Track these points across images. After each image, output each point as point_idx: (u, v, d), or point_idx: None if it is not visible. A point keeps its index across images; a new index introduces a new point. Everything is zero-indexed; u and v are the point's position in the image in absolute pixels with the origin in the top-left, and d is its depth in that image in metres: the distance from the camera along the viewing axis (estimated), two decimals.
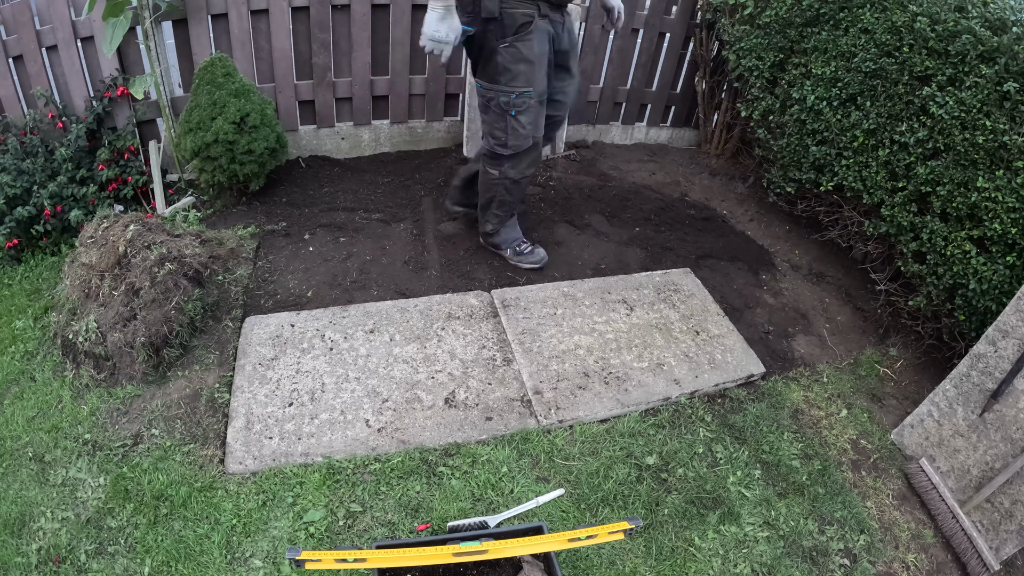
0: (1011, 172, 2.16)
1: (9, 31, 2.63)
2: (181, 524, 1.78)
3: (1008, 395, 1.95)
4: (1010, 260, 2.18)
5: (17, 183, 2.63)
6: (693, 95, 4.00)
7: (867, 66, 2.63)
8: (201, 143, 2.73)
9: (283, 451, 1.97)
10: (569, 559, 1.80)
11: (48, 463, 1.93)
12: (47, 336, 2.33)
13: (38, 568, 1.68)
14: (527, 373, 2.30)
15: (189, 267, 2.37)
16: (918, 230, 2.51)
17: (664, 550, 1.86)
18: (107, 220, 2.42)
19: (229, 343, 2.32)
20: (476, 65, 2.32)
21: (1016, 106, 2.14)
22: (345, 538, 1.79)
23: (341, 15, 3.13)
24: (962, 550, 2.02)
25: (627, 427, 2.19)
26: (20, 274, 2.66)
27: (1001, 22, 2.25)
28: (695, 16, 3.74)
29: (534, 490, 1.96)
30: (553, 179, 3.43)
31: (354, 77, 3.30)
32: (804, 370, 2.56)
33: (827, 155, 2.88)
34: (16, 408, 2.09)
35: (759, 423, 2.29)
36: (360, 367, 2.26)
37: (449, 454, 2.03)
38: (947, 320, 2.51)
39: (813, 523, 2.02)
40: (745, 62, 3.28)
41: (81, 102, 2.85)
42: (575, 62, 2.50)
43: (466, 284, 2.70)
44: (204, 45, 2.96)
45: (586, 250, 2.96)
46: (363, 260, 2.76)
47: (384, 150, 3.61)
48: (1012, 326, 1.93)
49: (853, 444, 2.30)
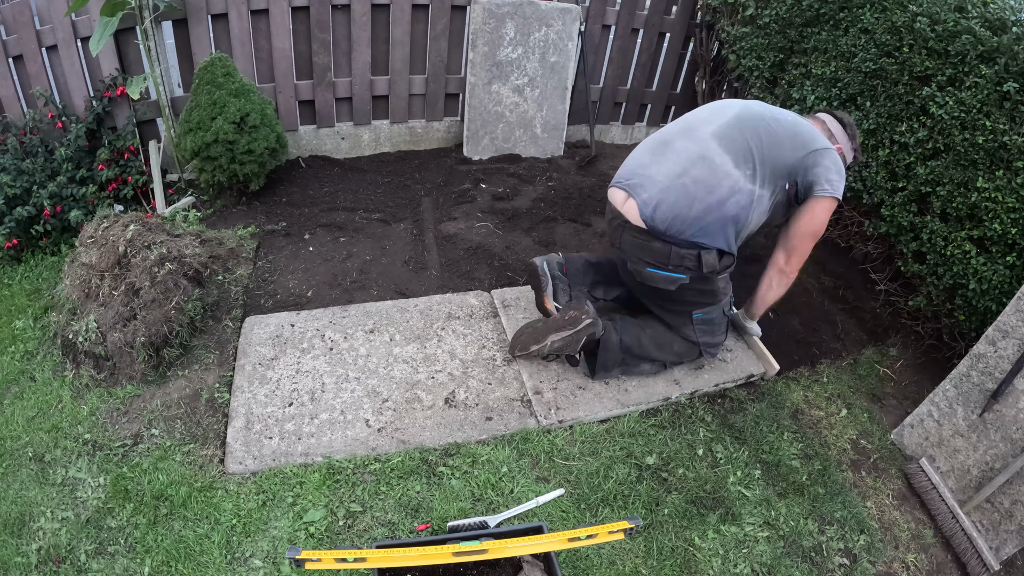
0: (1011, 172, 2.16)
1: (9, 31, 2.63)
2: (181, 524, 1.78)
3: (1008, 395, 1.95)
4: (1010, 260, 2.18)
5: (17, 183, 2.63)
6: (693, 95, 4.00)
7: (867, 66, 2.63)
8: (201, 143, 2.73)
9: (283, 451, 1.97)
10: (569, 559, 1.80)
11: (48, 463, 1.93)
12: (47, 336, 2.33)
13: (38, 568, 1.68)
14: (527, 373, 2.30)
15: (189, 267, 2.37)
16: (918, 230, 2.51)
17: (664, 550, 1.86)
18: (107, 220, 2.42)
19: (229, 343, 2.32)
20: (680, 305, 2.19)
21: (1016, 106, 2.14)
22: (345, 538, 1.79)
23: (341, 15, 3.13)
24: (962, 550, 2.02)
25: (627, 427, 2.19)
26: (20, 274, 2.66)
27: (1001, 22, 2.25)
28: (695, 16, 3.74)
29: (534, 490, 1.96)
30: (553, 179, 3.43)
31: (354, 77, 3.30)
32: (804, 370, 2.56)
33: None
34: (16, 408, 2.08)
35: (759, 423, 2.29)
36: (360, 367, 2.26)
37: (449, 454, 2.03)
38: (947, 320, 2.51)
39: (813, 523, 2.02)
40: (745, 62, 3.28)
41: (81, 102, 2.84)
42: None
43: (466, 284, 2.70)
44: (204, 45, 2.96)
45: (586, 250, 2.96)
46: (363, 260, 2.76)
47: (384, 150, 3.61)
48: (1012, 326, 1.93)
49: (853, 444, 2.30)
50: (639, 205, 2.01)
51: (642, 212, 2.00)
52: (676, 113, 4.10)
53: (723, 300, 2.22)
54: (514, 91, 3.46)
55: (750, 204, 1.96)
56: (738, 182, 1.94)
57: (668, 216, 1.96)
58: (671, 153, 2.04)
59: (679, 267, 2.02)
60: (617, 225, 2.12)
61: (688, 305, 2.19)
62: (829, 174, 1.96)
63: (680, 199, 1.95)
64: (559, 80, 3.51)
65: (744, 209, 1.96)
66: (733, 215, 1.95)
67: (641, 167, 2.08)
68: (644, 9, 3.69)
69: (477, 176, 3.39)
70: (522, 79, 3.44)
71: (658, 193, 1.98)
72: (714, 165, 1.96)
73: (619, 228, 2.11)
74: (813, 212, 2.01)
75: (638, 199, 2.02)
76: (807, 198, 2.01)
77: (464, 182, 3.33)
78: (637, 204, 2.02)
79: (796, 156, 1.97)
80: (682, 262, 2.01)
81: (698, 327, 2.25)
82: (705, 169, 1.96)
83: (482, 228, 3.01)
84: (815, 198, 1.99)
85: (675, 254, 2.00)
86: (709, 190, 1.93)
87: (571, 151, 3.79)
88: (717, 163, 1.96)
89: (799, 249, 2.10)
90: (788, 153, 1.97)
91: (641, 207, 2.00)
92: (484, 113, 3.47)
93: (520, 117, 3.55)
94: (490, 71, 3.36)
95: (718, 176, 1.94)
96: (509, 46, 3.33)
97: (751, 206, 1.97)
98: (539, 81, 3.47)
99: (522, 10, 3.25)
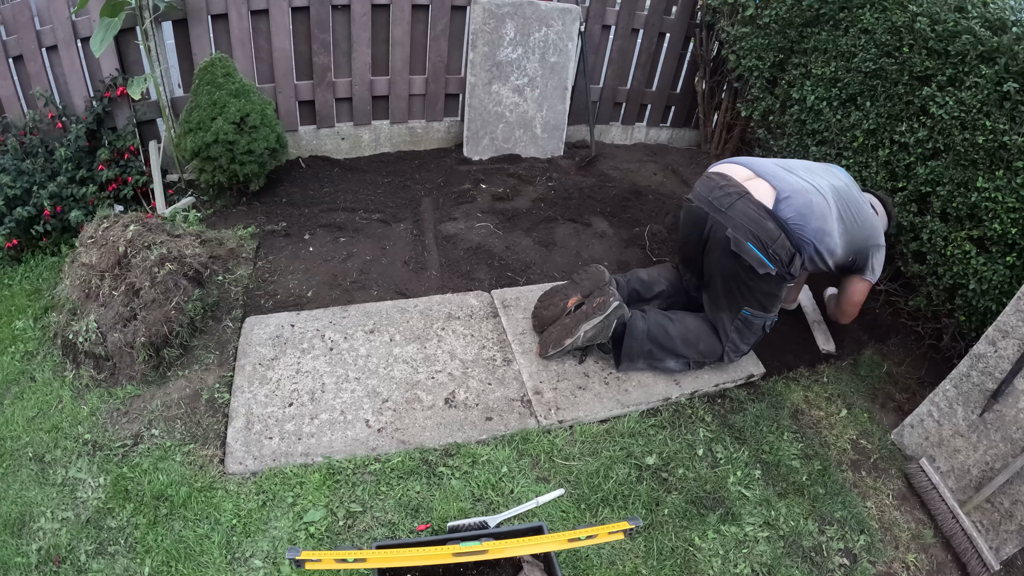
0: (1011, 172, 2.16)
1: (9, 31, 2.63)
2: (181, 524, 1.78)
3: (1008, 395, 1.95)
4: (1010, 260, 2.18)
5: (17, 183, 2.63)
6: (693, 95, 4.00)
7: (867, 66, 2.63)
8: (201, 143, 2.73)
9: (283, 451, 1.97)
10: (569, 559, 1.80)
11: (48, 463, 1.93)
12: (47, 336, 2.33)
13: (38, 568, 1.68)
14: (527, 373, 2.30)
15: (189, 267, 2.37)
16: (918, 230, 2.51)
17: (664, 550, 1.86)
18: (107, 220, 2.42)
19: (229, 343, 2.32)
20: (739, 294, 2.27)
21: (1016, 106, 2.14)
22: (345, 538, 1.79)
23: (341, 15, 3.13)
24: (962, 550, 2.02)
25: (627, 427, 2.19)
26: (20, 274, 2.66)
27: (1001, 22, 2.25)
28: (695, 16, 3.74)
29: (534, 490, 1.96)
30: (553, 179, 3.43)
31: (354, 77, 3.30)
32: (804, 370, 2.56)
33: (827, 155, 2.88)
34: (16, 408, 2.08)
35: (759, 423, 2.29)
36: (360, 367, 2.26)
37: (449, 454, 2.03)
38: (947, 320, 2.51)
39: (813, 523, 2.02)
40: (745, 62, 3.28)
41: (81, 102, 2.85)
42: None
43: (466, 284, 2.70)
44: (204, 45, 2.96)
45: (586, 250, 2.96)
46: (363, 260, 2.76)
47: (384, 150, 3.61)
48: (1012, 326, 1.93)
49: (853, 444, 2.30)
50: (777, 189, 2.15)
51: (778, 193, 2.14)
52: (676, 113, 4.10)
53: (772, 312, 2.29)
54: (514, 91, 3.46)
55: (831, 253, 2.16)
56: (835, 231, 2.16)
57: (796, 211, 2.11)
58: (796, 176, 2.21)
59: (775, 256, 2.11)
60: (731, 192, 2.19)
61: (747, 299, 2.25)
62: (876, 264, 2.30)
63: (808, 206, 2.12)
64: (559, 80, 3.51)
65: (830, 253, 2.16)
66: (822, 250, 2.14)
67: (766, 167, 2.24)
68: (644, 9, 3.69)
69: (477, 176, 3.40)
70: (522, 79, 3.44)
71: (793, 192, 2.14)
72: (828, 206, 2.15)
73: (734, 196, 2.18)
74: (857, 287, 2.37)
75: (776, 184, 2.16)
76: (855, 274, 2.34)
77: (464, 182, 3.33)
78: (772, 185, 2.16)
79: (866, 244, 2.25)
80: (780, 253, 2.11)
81: (738, 323, 2.30)
82: (823, 203, 2.15)
83: (482, 228, 3.01)
84: (860, 278, 2.33)
85: (781, 242, 2.10)
86: (823, 219, 2.13)
87: (571, 151, 3.79)
88: (830, 205, 2.16)
89: (848, 312, 2.47)
90: (866, 236, 2.24)
91: (778, 190, 2.14)
92: (484, 113, 3.47)
93: (520, 117, 3.55)
94: (490, 71, 3.36)
95: (827, 215, 2.14)
96: (509, 46, 3.33)
97: (831, 255, 2.17)
98: (539, 81, 3.47)
99: (522, 10, 3.25)
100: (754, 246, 2.11)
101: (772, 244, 2.09)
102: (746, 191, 2.17)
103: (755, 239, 2.11)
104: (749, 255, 2.13)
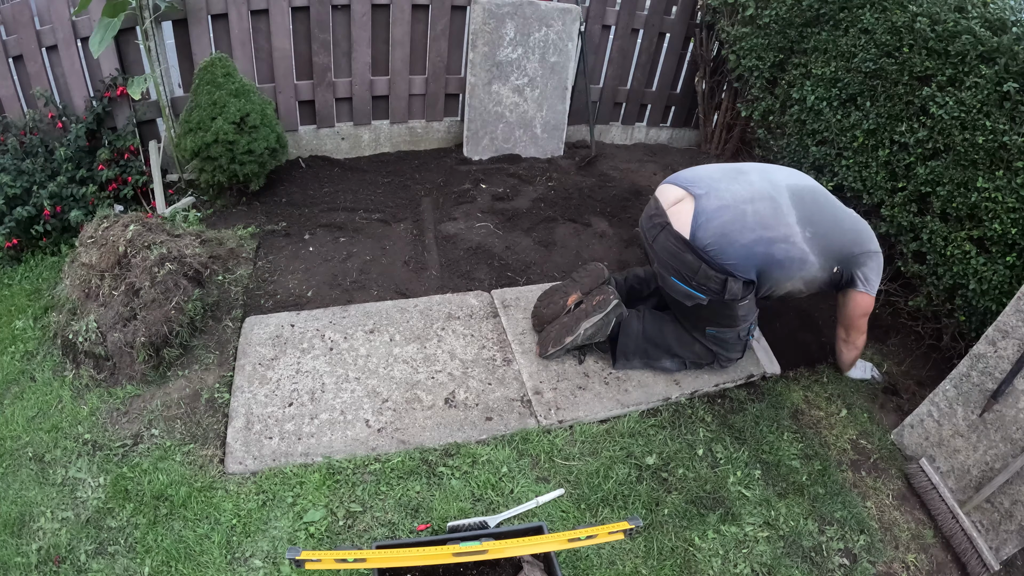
0: (1011, 172, 2.16)
1: (9, 31, 2.63)
2: (181, 524, 1.78)
3: (1008, 395, 1.95)
4: (1010, 260, 2.18)
5: (17, 183, 2.63)
6: (693, 95, 4.00)
7: (867, 66, 2.63)
8: (201, 143, 2.73)
9: (283, 451, 1.97)
10: (569, 559, 1.80)
11: (48, 463, 1.93)
12: (47, 336, 2.33)
13: (38, 568, 1.68)
14: (527, 373, 2.30)
15: (189, 267, 2.37)
16: (918, 230, 2.51)
17: (664, 550, 1.86)
18: (107, 220, 2.42)
19: (229, 343, 2.32)
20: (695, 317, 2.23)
21: (1016, 106, 2.14)
22: (345, 538, 1.79)
23: (341, 15, 3.13)
24: (962, 550, 2.02)
25: (627, 427, 2.19)
26: (20, 274, 2.66)
27: (1001, 22, 2.25)
28: (695, 16, 3.74)
29: (534, 490, 1.96)
30: (553, 179, 3.43)
31: (354, 77, 3.30)
32: (804, 370, 2.56)
33: (827, 155, 2.88)
34: (16, 408, 2.08)
35: (759, 423, 2.29)
36: (360, 367, 2.26)
37: (449, 454, 2.03)
38: (947, 320, 2.51)
39: (813, 523, 2.02)
40: (745, 62, 3.28)
41: (81, 102, 2.84)
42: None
43: (466, 284, 2.70)
44: (204, 45, 2.96)
45: (586, 250, 2.96)
46: (363, 260, 2.76)
47: (384, 150, 3.61)
48: (1012, 326, 1.93)
49: (853, 444, 2.30)
50: (694, 211, 2.03)
51: (694, 219, 2.02)
52: (676, 113, 4.10)
53: (741, 326, 2.23)
54: (514, 91, 3.46)
55: (800, 261, 2.04)
56: (795, 235, 2.02)
57: (716, 233, 1.99)
58: (744, 181, 2.10)
59: (702, 287, 2.06)
60: (656, 224, 2.15)
61: (705, 320, 2.22)
62: (870, 274, 2.16)
63: (735, 222, 2.00)
64: (559, 80, 3.51)
65: (792, 261, 2.03)
66: (779, 260, 2.01)
67: (711, 178, 2.13)
68: (644, 9, 3.68)
69: (477, 176, 3.40)
70: (522, 79, 3.44)
71: (717, 209, 2.02)
72: (780, 210, 2.03)
73: (657, 228, 2.14)
74: (856, 302, 2.22)
75: (697, 203, 2.04)
76: (848, 288, 2.20)
77: (464, 182, 3.33)
78: (693, 209, 2.04)
79: (851, 251, 2.12)
80: (707, 283, 2.04)
81: (709, 340, 2.29)
82: (770, 208, 2.03)
83: (482, 228, 3.01)
84: (856, 291, 2.19)
85: (703, 272, 2.03)
86: (765, 227, 2.00)
87: (571, 151, 3.79)
88: (783, 210, 2.03)
89: (853, 327, 2.32)
90: (847, 241, 2.11)
91: (696, 214, 2.03)
92: (484, 113, 3.47)
93: (520, 117, 3.55)
94: (490, 71, 3.36)
95: (779, 219, 2.01)
96: (509, 46, 3.33)
97: (800, 264, 2.04)
98: (539, 81, 3.47)
99: (522, 10, 3.25)
100: (678, 280, 2.10)
101: (694, 277, 2.05)
102: (667, 222, 2.11)
103: (677, 273, 2.09)
104: (675, 290, 2.13)
